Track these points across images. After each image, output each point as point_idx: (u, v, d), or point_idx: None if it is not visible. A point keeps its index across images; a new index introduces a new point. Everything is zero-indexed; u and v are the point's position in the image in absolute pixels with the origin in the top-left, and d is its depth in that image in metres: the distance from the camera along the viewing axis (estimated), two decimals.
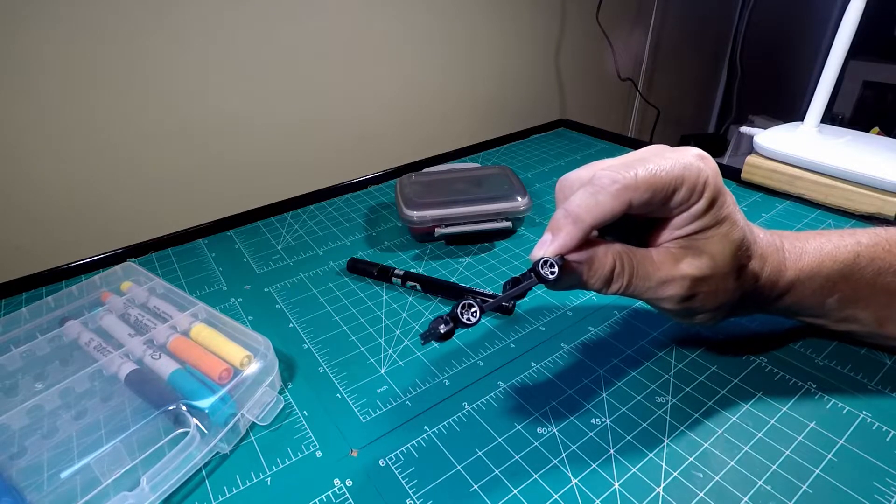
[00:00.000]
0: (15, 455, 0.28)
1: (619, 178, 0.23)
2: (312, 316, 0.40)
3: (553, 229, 0.24)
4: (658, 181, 0.23)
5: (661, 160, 0.24)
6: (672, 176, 0.23)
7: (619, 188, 0.23)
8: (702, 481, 0.26)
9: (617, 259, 0.24)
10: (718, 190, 0.24)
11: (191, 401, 0.29)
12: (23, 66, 0.50)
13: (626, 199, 0.23)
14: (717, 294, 0.26)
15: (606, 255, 0.24)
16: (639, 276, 0.25)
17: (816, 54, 1.25)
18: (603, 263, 0.24)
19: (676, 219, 0.25)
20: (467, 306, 0.23)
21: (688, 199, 0.24)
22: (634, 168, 0.23)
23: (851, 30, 0.50)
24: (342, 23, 0.67)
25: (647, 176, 0.23)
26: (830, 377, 0.31)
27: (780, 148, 0.53)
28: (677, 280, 0.25)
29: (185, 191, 0.63)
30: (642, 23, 1.06)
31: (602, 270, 0.24)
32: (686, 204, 0.24)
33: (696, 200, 0.24)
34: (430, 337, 0.23)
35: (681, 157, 0.24)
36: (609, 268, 0.24)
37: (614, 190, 0.23)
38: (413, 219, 0.46)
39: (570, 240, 0.23)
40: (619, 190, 0.23)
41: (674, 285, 0.25)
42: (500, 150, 0.72)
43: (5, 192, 0.53)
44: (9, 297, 0.46)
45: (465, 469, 0.27)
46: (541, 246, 0.24)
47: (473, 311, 0.23)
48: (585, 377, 0.33)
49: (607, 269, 0.24)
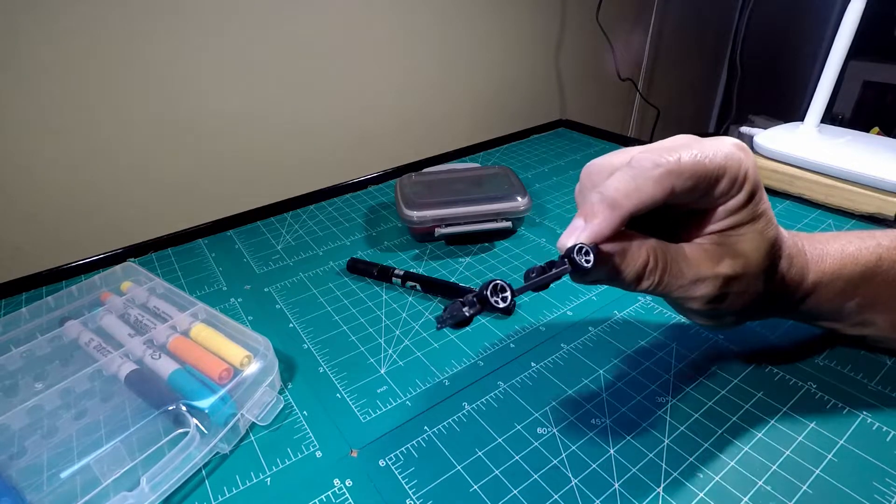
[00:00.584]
0: (15, 455, 0.28)
1: (662, 161, 0.21)
2: (312, 316, 0.40)
3: (587, 215, 0.22)
4: (703, 168, 0.21)
5: (703, 147, 0.22)
6: (716, 164, 0.22)
7: (662, 172, 0.21)
8: (702, 481, 0.26)
9: (651, 254, 0.23)
10: (757, 184, 0.23)
11: (191, 401, 0.29)
12: (23, 66, 0.50)
13: (669, 186, 0.21)
14: (747, 294, 0.25)
15: (640, 249, 0.23)
16: (672, 273, 0.23)
17: (816, 54, 1.25)
18: (636, 257, 0.23)
19: (711, 212, 0.23)
20: (499, 288, 0.20)
21: (728, 190, 0.22)
22: (678, 152, 0.21)
23: (851, 30, 0.50)
24: (342, 23, 0.67)
25: (692, 161, 0.21)
26: (830, 377, 0.31)
27: (780, 148, 0.53)
28: (710, 279, 0.23)
29: (185, 191, 0.63)
30: (642, 23, 1.05)
31: (635, 265, 0.23)
32: (726, 196, 0.23)
33: (735, 193, 0.23)
34: (449, 321, 0.21)
35: (721, 146, 0.22)
36: (643, 262, 0.23)
37: (657, 174, 0.21)
38: (413, 219, 0.46)
39: (606, 227, 0.21)
40: (661, 175, 0.21)
41: (706, 284, 0.24)
42: (500, 150, 0.72)
43: (5, 192, 0.53)
44: (9, 297, 0.46)
45: (465, 469, 0.27)
46: (571, 232, 0.22)
47: (504, 296, 0.20)
48: (585, 377, 0.33)
49: (640, 264, 0.23)
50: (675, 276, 0.23)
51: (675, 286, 0.24)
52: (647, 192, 0.21)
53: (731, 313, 0.26)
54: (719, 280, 0.23)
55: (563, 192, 0.58)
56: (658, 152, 0.22)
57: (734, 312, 0.26)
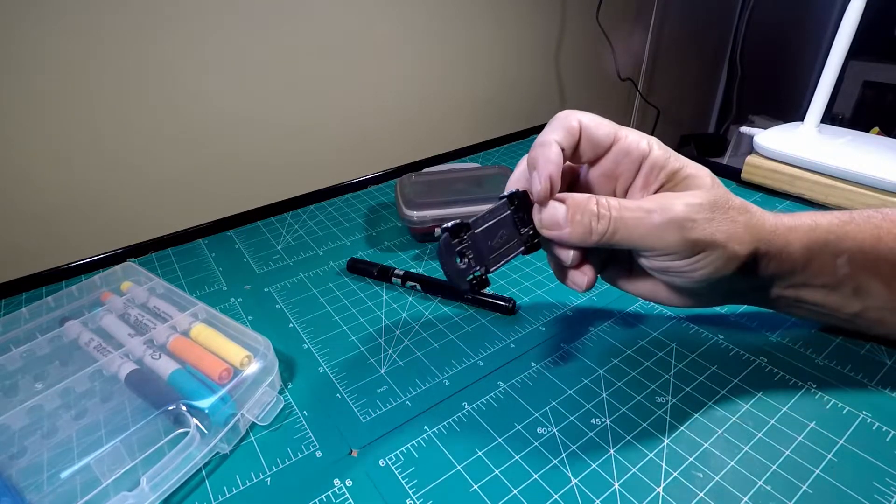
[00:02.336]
0: (15, 455, 0.28)
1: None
2: (312, 316, 0.40)
3: (531, 167, 0.26)
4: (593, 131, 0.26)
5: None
6: (601, 132, 0.26)
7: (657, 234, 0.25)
8: (702, 481, 0.26)
9: (599, 203, 0.25)
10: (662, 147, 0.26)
11: (191, 401, 0.29)
12: (23, 66, 0.50)
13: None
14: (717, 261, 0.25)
15: (588, 200, 0.25)
16: (627, 222, 0.25)
17: (816, 54, 1.25)
18: (581, 202, 0.25)
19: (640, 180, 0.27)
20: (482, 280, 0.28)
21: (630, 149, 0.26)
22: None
23: (851, 30, 0.50)
24: (342, 23, 0.67)
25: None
26: (830, 377, 0.31)
27: (780, 148, 0.53)
28: (676, 221, 0.24)
29: (185, 191, 0.63)
30: (642, 23, 1.06)
31: (582, 212, 0.25)
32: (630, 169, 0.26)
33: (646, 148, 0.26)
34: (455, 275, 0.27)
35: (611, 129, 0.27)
36: (590, 210, 0.25)
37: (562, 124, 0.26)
38: (413, 219, 0.46)
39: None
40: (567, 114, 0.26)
41: (673, 227, 0.24)
42: (500, 150, 0.72)
43: (5, 192, 0.53)
44: (9, 297, 0.46)
45: (465, 469, 0.27)
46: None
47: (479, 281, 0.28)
48: (585, 377, 0.33)
49: (588, 211, 0.25)
50: (632, 223, 0.25)
51: (637, 236, 0.25)
52: (563, 125, 0.26)
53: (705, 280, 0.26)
54: (688, 218, 0.25)
55: None
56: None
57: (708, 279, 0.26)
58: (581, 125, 0.26)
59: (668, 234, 0.24)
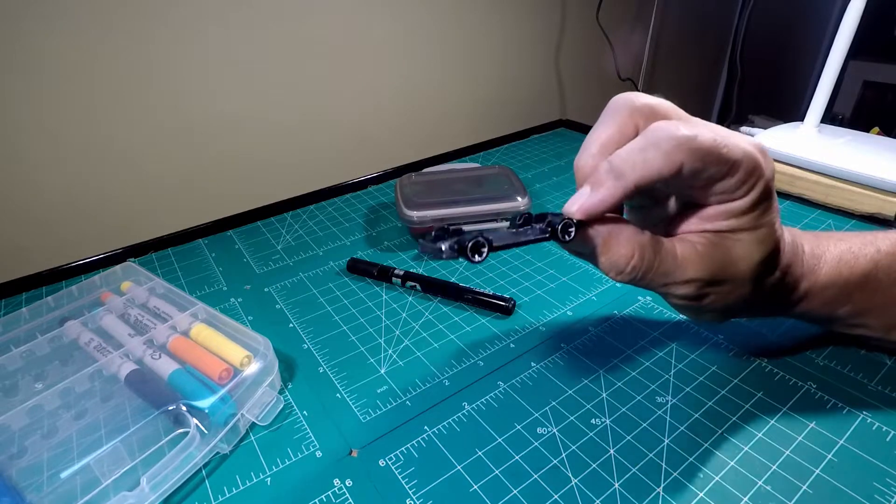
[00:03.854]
0: (15, 455, 0.28)
1: (678, 134, 0.20)
2: (312, 316, 0.40)
3: (594, 183, 0.22)
4: (717, 153, 0.20)
5: (725, 134, 0.21)
6: (733, 155, 0.20)
7: (674, 146, 0.20)
8: (702, 481, 0.26)
9: (637, 251, 0.22)
10: (768, 192, 0.22)
11: (191, 401, 0.29)
12: (23, 66, 0.50)
13: (679, 161, 0.20)
14: (730, 296, 0.24)
15: (627, 244, 0.22)
16: (657, 272, 0.23)
17: (816, 54, 1.24)
18: (618, 251, 0.22)
19: (712, 209, 0.23)
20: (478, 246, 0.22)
21: (735, 189, 0.21)
22: (697, 129, 0.20)
23: (851, 30, 0.50)
24: (342, 23, 0.67)
25: (709, 142, 0.20)
26: (830, 377, 0.31)
27: (780, 148, 0.53)
28: (693, 281, 0.23)
29: (185, 191, 0.63)
30: (642, 23, 1.05)
31: (615, 256, 0.22)
32: (730, 194, 0.22)
33: (742, 195, 0.22)
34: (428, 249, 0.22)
35: (743, 142, 0.21)
36: (625, 257, 0.22)
37: (668, 147, 0.20)
38: (413, 219, 0.46)
39: (608, 196, 0.21)
40: (673, 148, 0.20)
41: (688, 285, 0.23)
42: (500, 150, 0.72)
43: (5, 192, 0.53)
44: (9, 297, 0.46)
45: (465, 469, 0.27)
46: (577, 199, 0.22)
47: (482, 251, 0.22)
48: (585, 377, 0.33)
49: (622, 258, 0.22)
50: (660, 274, 0.23)
51: (658, 283, 0.23)
52: (655, 165, 0.20)
53: (711, 311, 0.25)
54: (703, 283, 0.23)
55: (564, 192, 0.58)
56: (677, 124, 0.20)
57: (715, 310, 0.25)
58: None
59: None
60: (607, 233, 0.22)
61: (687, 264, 0.23)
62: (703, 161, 0.20)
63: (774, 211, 0.23)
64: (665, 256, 0.23)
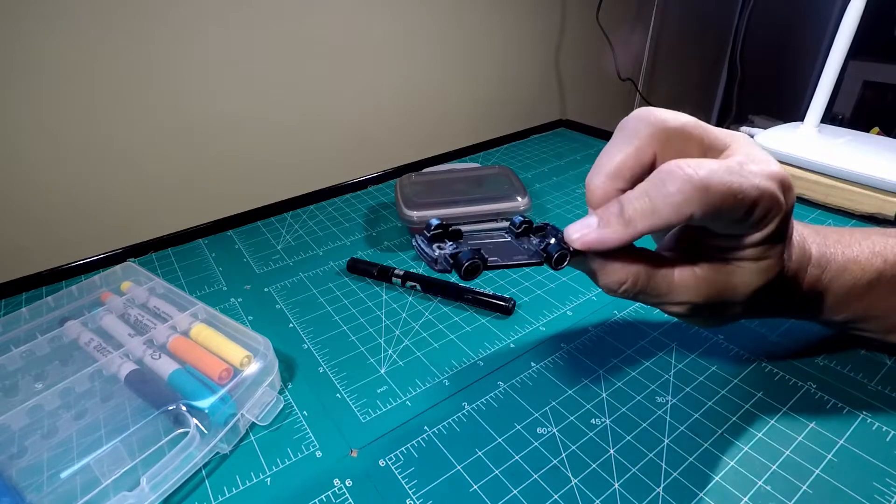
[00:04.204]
0: (15, 455, 0.28)
1: (686, 186, 0.19)
2: (312, 316, 0.40)
3: (603, 219, 0.21)
4: (730, 203, 0.19)
5: (741, 174, 0.19)
6: (748, 199, 0.19)
7: (683, 199, 0.19)
8: (702, 481, 0.26)
9: (631, 277, 0.22)
10: (784, 227, 0.21)
11: (191, 401, 0.29)
12: (23, 66, 0.50)
13: (689, 213, 0.19)
14: (723, 314, 0.24)
15: (620, 271, 0.22)
16: (649, 294, 0.23)
17: (816, 54, 1.24)
18: (611, 277, 0.22)
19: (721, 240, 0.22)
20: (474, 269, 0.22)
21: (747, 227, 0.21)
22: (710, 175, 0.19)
23: (851, 30, 0.50)
24: (342, 23, 0.67)
25: (721, 193, 0.19)
26: (830, 377, 0.31)
27: (780, 148, 0.53)
28: (686, 303, 0.23)
29: (185, 191, 0.63)
30: (642, 23, 1.05)
31: (608, 281, 0.23)
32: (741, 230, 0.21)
33: (753, 233, 0.21)
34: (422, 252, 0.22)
35: (760, 178, 0.20)
36: (616, 283, 0.22)
37: (678, 200, 0.19)
38: (413, 219, 0.46)
39: (614, 241, 0.21)
40: (683, 201, 0.19)
41: (682, 306, 0.23)
42: (500, 150, 0.72)
43: (5, 192, 0.53)
44: (9, 297, 0.46)
45: (465, 469, 0.27)
46: (581, 230, 0.21)
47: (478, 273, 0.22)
48: (585, 377, 0.33)
49: (613, 283, 0.22)
50: (651, 297, 0.23)
51: (651, 302, 0.24)
52: (664, 215, 0.19)
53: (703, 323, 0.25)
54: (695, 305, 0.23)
55: (563, 192, 0.58)
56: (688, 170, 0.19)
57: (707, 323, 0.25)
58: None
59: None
60: (602, 260, 0.22)
61: (682, 290, 0.23)
62: (716, 209, 0.19)
63: (787, 239, 0.22)
64: (659, 282, 0.23)
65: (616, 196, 0.21)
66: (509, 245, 0.24)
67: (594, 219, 0.21)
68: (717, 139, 0.22)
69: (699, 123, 0.22)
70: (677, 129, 0.21)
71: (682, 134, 0.21)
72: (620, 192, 0.21)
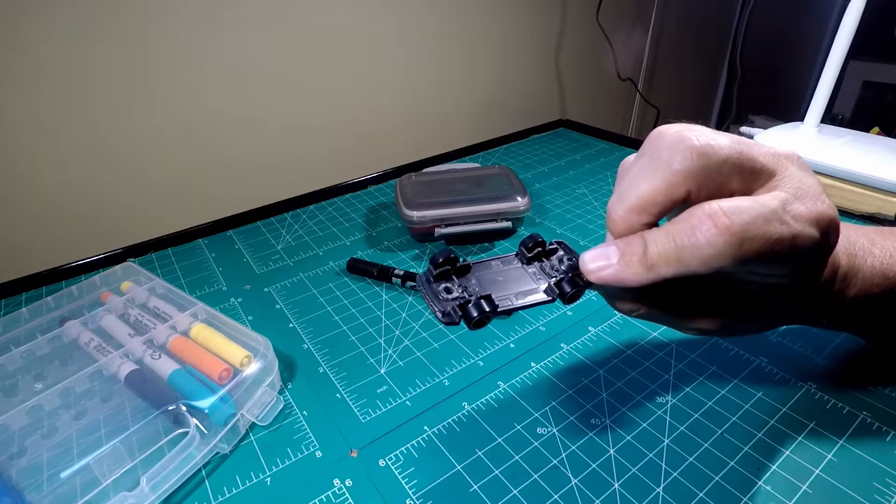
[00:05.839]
0: (15, 455, 0.28)
1: (717, 242, 0.17)
2: (312, 316, 0.40)
3: (625, 256, 0.19)
4: (766, 256, 0.18)
5: (783, 219, 0.18)
6: (783, 253, 0.18)
7: (712, 255, 0.17)
8: (702, 481, 0.26)
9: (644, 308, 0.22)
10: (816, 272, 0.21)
11: (191, 401, 0.29)
12: (22, 66, 0.50)
13: (716, 268, 0.18)
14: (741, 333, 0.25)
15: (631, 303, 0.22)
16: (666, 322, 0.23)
17: (816, 54, 1.24)
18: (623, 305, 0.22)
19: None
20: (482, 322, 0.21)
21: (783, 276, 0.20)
22: (747, 230, 0.17)
23: (851, 30, 0.50)
24: (342, 23, 0.67)
25: (757, 248, 0.17)
26: (831, 377, 0.31)
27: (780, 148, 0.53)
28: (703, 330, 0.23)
29: (185, 191, 0.63)
30: (642, 23, 1.05)
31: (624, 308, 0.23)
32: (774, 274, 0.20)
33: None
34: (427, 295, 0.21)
35: (804, 226, 0.18)
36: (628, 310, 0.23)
37: (708, 255, 0.17)
38: (413, 219, 0.46)
39: (633, 282, 0.19)
40: (713, 257, 0.17)
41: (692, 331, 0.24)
42: (500, 150, 0.72)
43: (5, 192, 0.53)
44: (9, 297, 0.46)
45: (465, 469, 0.27)
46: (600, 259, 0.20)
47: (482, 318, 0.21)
48: (585, 377, 0.33)
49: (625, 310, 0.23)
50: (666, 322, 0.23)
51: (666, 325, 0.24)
52: (690, 267, 0.18)
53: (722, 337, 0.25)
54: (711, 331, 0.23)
55: (563, 191, 0.58)
56: (724, 216, 0.17)
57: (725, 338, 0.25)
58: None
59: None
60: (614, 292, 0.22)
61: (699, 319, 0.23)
62: (749, 262, 0.18)
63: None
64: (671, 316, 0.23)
65: (640, 230, 0.19)
66: (520, 274, 0.23)
67: (614, 252, 0.19)
68: (764, 167, 0.19)
69: (742, 151, 0.19)
70: (718, 164, 0.19)
71: (724, 166, 0.19)
72: (646, 226, 0.19)
